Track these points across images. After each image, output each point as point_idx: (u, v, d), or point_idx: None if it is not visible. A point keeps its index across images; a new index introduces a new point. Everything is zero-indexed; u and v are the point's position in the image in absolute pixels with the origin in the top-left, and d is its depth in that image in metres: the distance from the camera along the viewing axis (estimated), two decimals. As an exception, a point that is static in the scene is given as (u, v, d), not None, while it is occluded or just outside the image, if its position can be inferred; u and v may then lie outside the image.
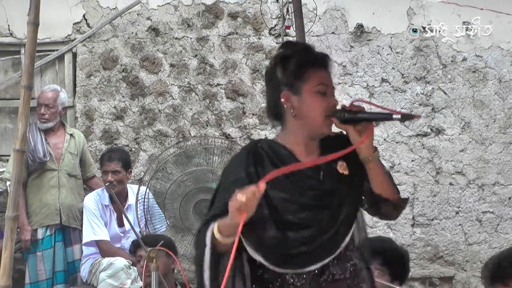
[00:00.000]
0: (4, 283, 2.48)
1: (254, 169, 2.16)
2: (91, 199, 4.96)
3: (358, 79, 5.79)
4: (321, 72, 2.22)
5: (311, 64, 2.21)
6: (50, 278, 5.04)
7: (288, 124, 2.23)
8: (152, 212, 4.83)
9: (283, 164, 2.16)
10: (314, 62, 2.23)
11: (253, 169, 2.16)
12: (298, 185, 2.19)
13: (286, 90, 2.19)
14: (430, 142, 5.76)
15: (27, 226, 5.00)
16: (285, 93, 2.19)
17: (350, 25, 5.79)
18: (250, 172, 2.15)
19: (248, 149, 2.24)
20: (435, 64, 5.75)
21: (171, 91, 5.88)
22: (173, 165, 4.71)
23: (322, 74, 2.22)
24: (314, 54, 2.26)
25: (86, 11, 5.91)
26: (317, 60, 2.24)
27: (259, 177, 2.09)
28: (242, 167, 2.17)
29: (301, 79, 2.19)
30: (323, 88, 2.20)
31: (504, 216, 5.73)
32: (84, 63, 5.91)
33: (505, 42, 5.71)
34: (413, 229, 5.78)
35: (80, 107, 5.91)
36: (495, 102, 5.72)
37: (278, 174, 2.05)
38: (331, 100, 2.21)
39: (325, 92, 2.20)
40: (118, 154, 5.00)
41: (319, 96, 2.19)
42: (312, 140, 2.25)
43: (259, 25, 5.83)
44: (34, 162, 5.00)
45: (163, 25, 5.88)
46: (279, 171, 2.04)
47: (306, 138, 2.23)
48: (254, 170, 2.16)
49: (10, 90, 5.99)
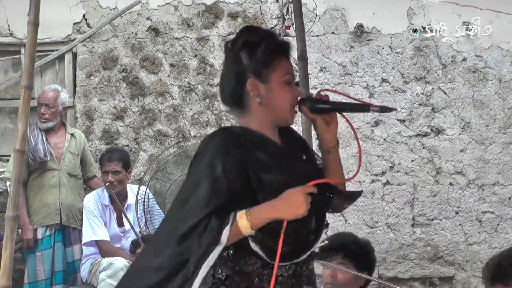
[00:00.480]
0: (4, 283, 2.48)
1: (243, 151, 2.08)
2: (91, 199, 4.96)
3: (358, 79, 5.79)
4: (287, 62, 2.19)
5: (278, 52, 2.17)
6: (49, 278, 5.04)
7: (252, 111, 2.17)
8: (152, 212, 4.83)
9: (265, 147, 2.13)
10: (281, 51, 2.18)
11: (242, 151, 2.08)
12: (286, 165, 2.15)
13: (253, 78, 2.13)
14: (430, 142, 5.76)
15: (29, 225, 5.00)
16: (251, 81, 2.13)
17: (350, 25, 5.79)
18: (240, 154, 2.07)
19: (223, 135, 2.15)
20: (435, 64, 5.75)
21: (171, 91, 5.88)
22: (173, 165, 4.72)
23: (288, 63, 2.19)
24: (281, 42, 2.22)
25: (86, 11, 5.91)
26: (284, 49, 2.20)
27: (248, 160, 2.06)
28: (231, 152, 2.07)
29: (269, 68, 2.14)
30: (290, 78, 2.17)
31: (504, 216, 5.73)
32: (84, 63, 5.91)
33: (505, 42, 5.71)
34: (413, 229, 5.78)
35: (80, 107, 5.91)
36: (495, 102, 5.72)
37: (326, 181, 2.11)
38: (296, 90, 2.21)
39: (291, 82, 2.18)
40: (118, 154, 5.00)
41: (286, 86, 2.16)
42: (275, 128, 2.22)
43: (259, 25, 5.83)
44: (34, 161, 5.00)
45: (163, 25, 5.88)
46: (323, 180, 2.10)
47: (271, 126, 2.20)
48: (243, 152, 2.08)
49: (10, 90, 5.99)
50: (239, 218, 2.01)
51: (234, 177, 2.04)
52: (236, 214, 2.01)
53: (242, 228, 2.00)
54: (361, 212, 5.80)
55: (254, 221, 2.01)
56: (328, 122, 2.19)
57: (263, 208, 2.03)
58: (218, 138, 2.13)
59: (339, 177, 2.30)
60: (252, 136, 2.15)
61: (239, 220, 2.01)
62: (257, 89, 2.14)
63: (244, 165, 2.06)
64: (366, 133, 5.78)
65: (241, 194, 2.05)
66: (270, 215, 2.01)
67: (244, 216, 2.01)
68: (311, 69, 5.68)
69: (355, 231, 5.76)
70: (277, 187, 2.08)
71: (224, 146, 2.08)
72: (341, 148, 5.81)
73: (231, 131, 2.18)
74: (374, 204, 5.79)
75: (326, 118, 2.19)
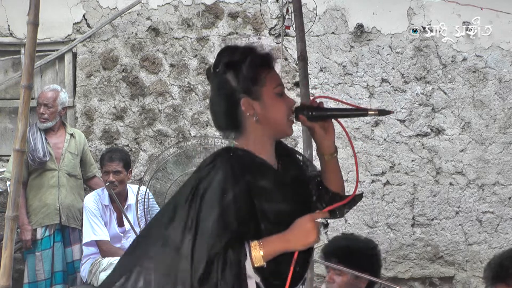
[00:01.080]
0: (4, 283, 2.48)
1: (249, 179, 2.04)
2: (91, 199, 4.97)
3: (358, 79, 5.79)
4: (274, 73, 2.15)
5: (264, 66, 2.12)
6: (49, 278, 5.05)
7: (250, 131, 2.12)
8: (152, 212, 4.83)
9: (265, 173, 2.10)
10: (265, 64, 2.13)
11: (249, 178, 2.04)
12: (285, 193, 2.12)
13: (245, 97, 2.08)
14: (430, 142, 5.76)
15: (28, 225, 5.00)
16: (245, 101, 2.08)
17: (350, 25, 5.79)
18: (247, 182, 2.03)
19: (229, 159, 2.08)
20: (435, 64, 5.75)
21: (171, 91, 5.88)
22: (173, 165, 4.71)
23: (275, 74, 2.15)
24: (262, 55, 2.15)
25: (86, 11, 5.91)
26: (268, 61, 2.15)
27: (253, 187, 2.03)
28: (240, 180, 2.03)
29: (259, 84, 2.09)
30: (281, 89, 2.14)
31: (504, 216, 5.73)
32: (84, 63, 5.91)
33: (505, 42, 5.71)
34: (413, 229, 5.78)
35: (80, 107, 5.91)
36: (495, 102, 5.72)
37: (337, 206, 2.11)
38: (289, 100, 2.16)
39: (282, 93, 2.15)
40: (118, 154, 5.00)
41: (279, 97, 2.13)
42: (273, 145, 2.19)
43: (259, 25, 5.84)
44: (34, 162, 5.00)
45: (163, 25, 5.88)
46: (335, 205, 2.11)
47: (270, 142, 2.17)
48: (249, 179, 2.04)
49: (10, 90, 5.99)
50: (252, 249, 1.98)
51: (243, 205, 2.01)
52: (250, 245, 1.99)
53: (254, 259, 1.98)
54: (361, 212, 5.80)
55: (266, 252, 1.98)
56: (326, 129, 2.18)
57: (275, 240, 2.01)
58: (225, 163, 2.06)
59: (338, 183, 2.28)
60: (255, 162, 2.11)
61: (252, 251, 1.98)
62: (251, 107, 2.09)
63: (250, 192, 2.03)
64: (366, 133, 5.78)
65: (248, 221, 2.02)
66: (283, 247, 2.00)
67: (257, 247, 1.98)
68: (311, 69, 5.68)
69: (355, 231, 5.77)
70: (278, 216, 2.06)
71: (233, 172, 2.04)
72: (341, 148, 5.83)
73: (235, 154, 2.11)
74: (374, 204, 5.79)
75: (324, 125, 2.17)
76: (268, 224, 2.04)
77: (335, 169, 2.27)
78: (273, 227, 2.04)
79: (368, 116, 2.17)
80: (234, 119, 2.12)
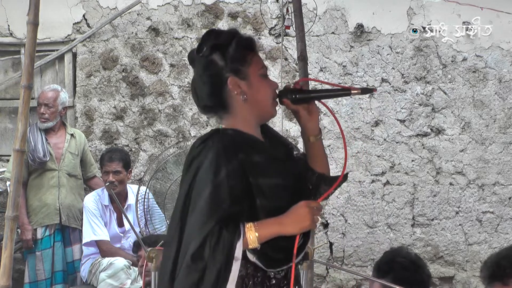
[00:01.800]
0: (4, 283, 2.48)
1: (242, 156, 2.06)
2: (91, 199, 4.97)
3: (358, 79, 5.79)
4: (258, 56, 2.20)
5: (249, 48, 2.18)
6: (49, 278, 5.05)
7: (237, 111, 2.15)
8: (152, 212, 4.83)
9: (257, 148, 2.13)
10: (249, 47, 2.19)
11: (242, 156, 2.05)
12: (282, 168, 2.15)
13: (232, 76, 2.12)
14: (430, 142, 5.76)
15: (28, 225, 5.00)
16: (231, 79, 2.12)
17: (350, 25, 5.79)
18: (240, 159, 2.04)
19: (220, 138, 2.09)
20: (435, 64, 5.74)
21: (171, 91, 5.88)
22: (173, 165, 4.71)
23: (259, 57, 2.20)
24: (247, 38, 2.21)
25: (86, 11, 5.91)
26: (252, 44, 2.20)
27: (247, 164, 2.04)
28: (232, 157, 2.04)
29: (246, 64, 2.14)
30: (265, 71, 2.20)
31: (504, 216, 5.73)
32: (84, 63, 5.91)
33: (505, 42, 5.71)
34: (413, 229, 5.78)
35: (80, 107, 5.91)
36: (495, 102, 5.72)
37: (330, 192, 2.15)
38: (273, 82, 2.21)
39: (266, 75, 2.21)
40: (118, 154, 5.00)
41: (265, 79, 2.18)
42: (258, 126, 2.23)
43: (259, 25, 5.83)
44: (34, 162, 5.00)
45: (163, 25, 5.88)
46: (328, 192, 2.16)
47: (256, 123, 2.20)
48: (242, 156, 2.05)
49: (10, 90, 5.99)
50: (247, 230, 1.99)
51: (237, 182, 2.02)
52: (245, 226, 2.00)
53: (249, 241, 1.99)
54: (361, 212, 5.79)
55: (262, 235, 2.00)
56: (310, 111, 2.21)
57: (270, 223, 2.02)
58: (216, 142, 2.07)
59: (324, 165, 2.30)
60: (245, 139, 2.13)
61: (247, 232, 1.99)
62: (238, 86, 2.13)
63: (244, 169, 2.04)
64: (366, 133, 5.78)
65: (242, 200, 2.03)
66: (278, 230, 2.01)
67: (253, 229, 1.99)
68: (311, 69, 5.68)
69: (355, 231, 5.77)
70: (274, 191, 2.08)
71: (225, 150, 2.04)
72: (341, 148, 5.82)
73: (226, 134, 2.12)
74: (374, 204, 5.79)
75: (308, 108, 2.20)
76: (264, 199, 2.06)
77: (320, 151, 2.29)
78: (269, 202, 2.06)
79: (351, 95, 2.19)
80: (220, 99, 2.15)
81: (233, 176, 2.01)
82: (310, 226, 2.03)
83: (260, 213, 2.05)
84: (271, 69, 5.80)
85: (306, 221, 2.02)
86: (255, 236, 1.99)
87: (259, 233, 1.99)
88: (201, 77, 2.16)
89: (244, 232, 1.98)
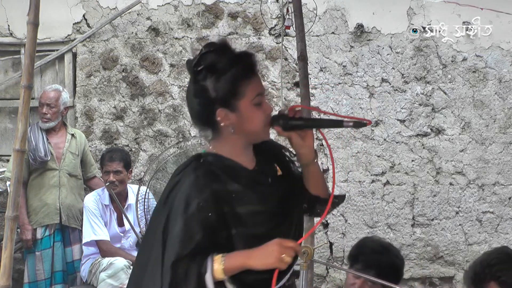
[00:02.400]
0: (4, 283, 2.48)
1: (216, 187, 2.04)
2: (91, 199, 4.97)
3: (358, 79, 5.79)
4: (254, 81, 2.09)
5: (246, 77, 2.07)
6: (49, 278, 5.05)
7: (225, 138, 2.12)
8: (152, 212, 4.82)
9: (238, 177, 2.09)
10: (248, 73, 2.08)
11: (216, 186, 2.04)
12: (260, 194, 2.11)
13: (221, 108, 2.05)
14: (430, 142, 5.76)
15: (28, 225, 5.00)
16: (220, 112, 2.05)
17: (350, 25, 5.79)
18: (213, 190, 2.03)
19: (196, 168, 2.08)
20: (435, 64, 5.74)
21: (171, 91, 5.88)
22: (173, 165, 4.71)
23: (256, 83, 2.09)
24: (246, 65, 2.09)
25: (86, 11, 5.91)
26: (250, 69, 2.09)
27: (222, 194, 2.03)
28: (204, 189, 2.02)
29: (237, 96, 2.05)
30: (260, 99, 2.09)
31: (504, 216, 5.73)
32: (84, 63, 5.91)
33: (505, 42, 5.71)
34: (413, 229, 5.78)
35: (80, 107, 5.91)
36: (495, 102, 5.72)
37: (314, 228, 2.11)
38: (267, 108, 2.12)
39: (261, 102, 2.10)
40: (119, 154, 5.00)
41: (257, 108, 2.08)
42: (249, 148, 2.18)
43: (259, 25, 5.83)
44: (35, 161, 5.01)
45: (163, 25, 5.88)
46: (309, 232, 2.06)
47: (244, 147, 2.15)
48: (216, 187, 2.04)
49: (10, 90, 5.99)
50: (215, 262, 1.99)
51: (209, 213, 2.01)
52: (213, 259, 1.99)
53: (215, 272, 1.98)
54: (361, 212, 5.80)
55: (227, 267, 1.98)
56: (303, 137, 2.13)
57: (238, 255, 2.01)
58: (191, 172, 2.06)
59: (319, 187, 2.24)
60: (224, 166, 2.10)
61: (214, 264, 1.99)
62: (228, 118, 2.06)
63: (218, 200, 2.03)
64: (366, 133, 5.78)
65: (217, 230, 2.02)
66: (243, 263, 1.99)
67: (219, 261, 1.99)
68: (311, 69, 5.68)
69: (355, 231, 5.77)
70: (252, 218, 2.06)
71: (197, 181, 2.04)
72: (341, 148, 5.83)
73: (204, 162, 2.10)
74: (374, 204, 5.79)
75: (301, 134, 2.12)
76: (241, 227, 2.04)
77: (315, 175, 2.22)
78: (247, 229, 2.04)
79: (344, 127, 2.10)
80: (209, 124, 2.12)
81: (204, 207, 2.01)
82: (274, 264, 1.96)
83: (237, 242, 2.05)
84: (271, 69, 5.81)
85: (271, 259, 1.96)
86: (220, 269, 1.98)
87: (225, 265, 1.98)
88: (193, 99, 2.11)
89: (212, 264, 1.98)
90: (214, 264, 1.98)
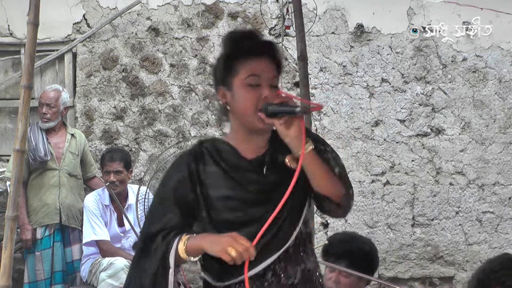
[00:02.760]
0: (4, 283, 2.47)
1: (195, 166, 2.08)
2: (91, 199, 4.97)
3: (358, 79, 5.79)
4: (254, 62, 2.05)
5: (242, 55, 2.06)
6: (49, 278, 5.05)
7: (231, 123, 2.14)
8: (152, 212, 4.82)
9: (224, 160, 2.09)
10: (244, 52, 2.06)
11: (194, 166, 2.08)
12: (239, 180, 2.07)
13: (221, 87, 2.11)
14: (430, 142, 5.76)
15: (28, 225, 5.00)
16: (220, 90, 2.11)
17: (350, 25, 5.79)
18: (191, 169, 2.07)
19: (190, 149, 2.15)
20: (435, 64, 5.75)
21: (171, 91, 5.88)
22: (173, 165, 4.70)
23: (255, 64, 2.05)
24: (245, 43, 2.09)
25: (86, 11, 5.91)
26: (249, 50, 2.07)
27: (199, 174, 2.06)
28: (183, 167, 2.08)
29: (230, 73, 2.07)
30: (254, 79, 2.03)
31: (504, 216, 5.73)
32: (84, 63, 5.91)
33: (505, 42, 5.71)
34: (413, 229, 5.78)
35: (80, 107, 5.91)
36: (495, 102, 5.72)
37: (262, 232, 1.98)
38: (263, 91, 2.04)
39: (259, 83, 2.04)
40: (119, 154, 5.01)
41: (249, 88, 2.03)
42: (257, 136, 2.11)
43: (259, 25, 5.83)
44: (35, 161, 5.01)
45: (163, 25, 5.88)
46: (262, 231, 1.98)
47: (246, 133, 2.10)
48: (195, 166, 2.07)
49: (10, 90, 5.99)
50: (181, 241, 2.01)
51: (186, 191, 2.06)
52: (181, 238, 2.02)
53: (179, 251, 2.00)
54: (361, 212, 5.80)
55: (189, 246, 2.00)
56: (288, 125, 2.00)
57: (199, 236, 2.03)
58: (179, 156, 2.17)
59: (323, 184, 2.10)
60: (215, 149, 2.11)
61: (180, 242, 2.01)
62: (225, 97, 2.10)
63: (194, 179, 2.06)
64: (366, 133, 5.78)
65: (194, 209, 2.06)
66: (200, 244, 1.99)
67: (184, 240, 2.01)
68: (311, 69, 5.68)
69: (355, 231, 5.76)
70: (217, 203, 2.05)
71: (178, 160, 2.12)
72: (341, 148, 5.83)
73: (200, 144, 2.15)
74: (374, 204, 5.79)
75: (284, 121, 1.99)
76: (213, 211, 2.05)
77: (312, 166, 2.06)
78: (218, 214, 2.05)
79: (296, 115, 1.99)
80: (222, 109, 2.17)
81: (181, 185, 2.06)
82: (219, 253, 1.92)
83: (207, 225, 2.06)
84: (271, 69, 5.80)
85: (218, 247, 1.93)
86: (182, 247, 2.00)
87: (187, 244, 2.00)
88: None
89: (178, 242, 2.01)
90: (180, 243, 2.01)
